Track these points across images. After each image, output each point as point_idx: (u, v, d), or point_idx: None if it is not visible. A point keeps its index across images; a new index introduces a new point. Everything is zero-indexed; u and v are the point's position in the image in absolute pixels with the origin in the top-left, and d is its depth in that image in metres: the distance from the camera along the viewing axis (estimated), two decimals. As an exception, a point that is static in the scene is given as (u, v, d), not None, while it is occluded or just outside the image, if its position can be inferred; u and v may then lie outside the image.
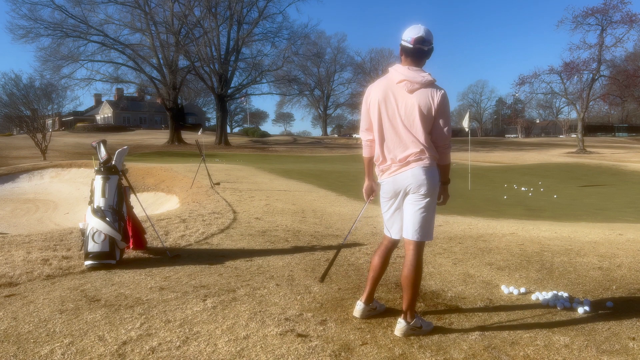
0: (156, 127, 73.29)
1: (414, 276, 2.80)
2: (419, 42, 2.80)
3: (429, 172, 2.82)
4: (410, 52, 2.83)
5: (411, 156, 2.82)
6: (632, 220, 9.05)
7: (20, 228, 12.36)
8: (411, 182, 2.83)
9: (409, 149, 2.83)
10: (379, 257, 3.03)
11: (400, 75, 2.83)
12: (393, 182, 2.90)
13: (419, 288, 2.88)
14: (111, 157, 4.91)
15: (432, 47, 2.87)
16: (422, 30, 2.81)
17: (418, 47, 2.81)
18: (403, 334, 2.80)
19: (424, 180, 2.80)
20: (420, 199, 2.83)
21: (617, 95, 44.38)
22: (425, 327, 2.87)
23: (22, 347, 2.64)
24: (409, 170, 2.83)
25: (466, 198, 12.89)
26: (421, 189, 2.81)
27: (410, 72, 2.81)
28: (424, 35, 2.79)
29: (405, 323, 2.82)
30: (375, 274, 3.04)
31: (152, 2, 45.28)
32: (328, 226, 6.83)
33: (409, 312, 2.83)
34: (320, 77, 77.69)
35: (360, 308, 3.08)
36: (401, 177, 2.86)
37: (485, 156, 37.83)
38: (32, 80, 38.72)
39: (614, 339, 2.77)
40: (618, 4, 37.40)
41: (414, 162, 2.82)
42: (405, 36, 2.83)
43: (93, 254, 4.37)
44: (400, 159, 2.84)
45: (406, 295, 2.84)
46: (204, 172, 12.67)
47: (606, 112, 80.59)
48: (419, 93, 2.78)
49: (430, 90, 2.78)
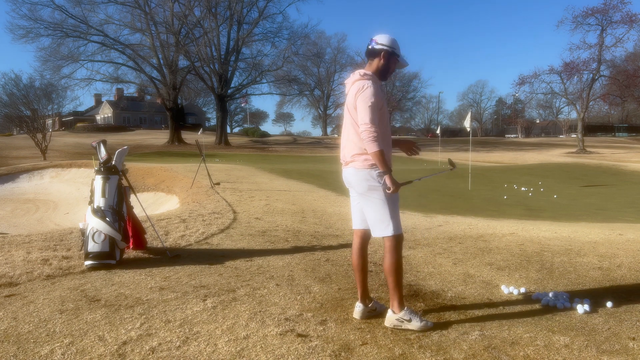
0: (156, 127, 73.26)
1: (387, 266, 2.94)
2: (369, 43, 3.06)
3: (358, 173, 2.96)
4: (366, 52, 3.09)
5: (348, 156, 3.02)
6: (632, 220, 9.05)
7: (20, 228, 12.36)
8: (350, 180, 3.05)
9: (347, 149, 3.04)
10: (356, 256, 3.15)
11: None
12: (343, 173, 3.14)
13: (398, 279, 2.95)
14: (111, 157, 4.91)
15: (380, 48, 3.01)
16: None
17: (367, 49, 3.06)
18: (389, 324, 2.92)
19: (354, 181, 2.99)
20: (363, 198, 3.00)
21: (617, 95, 44.38)
22: (416, 321, 2.88)
23: (22, 347, 2.64)
24: (345, 170, 3.07)
25: (466, 198, 12.89)
26: (357, 188, 3.00)
27: (356, 72, 3.03)
28: (374, 37, 3.05)
29: (392, 313, 2.93)
30: (359, 271, 3.13)
31: (152, 2, 45.32)
32: (328, 226, 6.83)
33: (394, 303, 2.94)
34: (320, 77, 77.71)
35: (359, 309, 3.09)
36: (345, 173, 3.10)
37: (485, 156, 37.85)
38: (32, 80, 38.74)
39: (614, 339, 2.77)
40: (618, 4, 37.46)
41: (350, 162, 3.01)
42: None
43: (93, 254, 4.37)
44: (344, 157, 3.08)
45: (388, 286, 3.00)
46: (204, 172, 12.67)
47: (606, 112, 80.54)
48: (350, 91, 3.00)
49: (357, 84, 2.94)
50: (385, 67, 3.03)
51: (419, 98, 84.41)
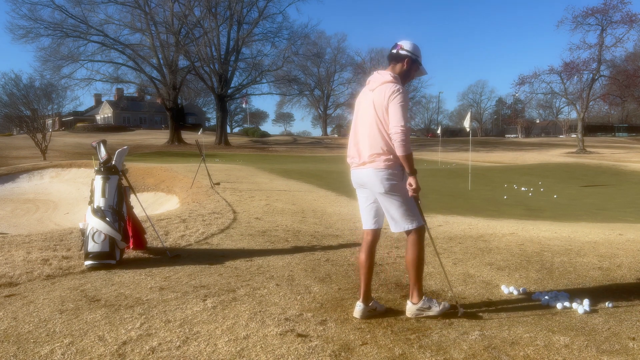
0: (156, 127, 73.24)
1: (410, 258, 3.07)
2: (393, 47, 3.14)
3: (381, 173, 2.99)
4: (389, 56, 3.17)
5: (366, 156, 3.05)
6: (632, 220, 9.04)
7: (20, 228, 12.36)
8: (366, 181, 3.08)
9: (364, 148, 3.06)
10: (364, 254, 3.18)
11: (368, 79, 3.16)
12: (354, 174, 3.18)
13: (420, 270, 3.09)
14: (111, 157, 4.91)
15: (404, 54, 3.10)
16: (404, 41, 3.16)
17: (391, 52, 3.15)
18: (411, 314, 3.07)
19: (374, 181, 3.02)
20: (384, 197, 3.04)
21: (617, 95, 44.34)
22: (435, 307, 3.07)
23: (22, 347, 2.64)
24: (363, 170, 3.08)
25: (466, 198, 12.89)
26: (377, 188, 3.03)
27: (379, 72, 3.11)
28: (399, 43, 3.14)
29: (411, 304, 3.09)
30: (365, 270, 3.15)
31: (152, 2, 45.32)
32: (328, 226, 6.83)
33: (414, 294, 3.08)
34: (320, 77, 77.71)
35: (360, 309, 3.09)
36: (360, 173, 3.11)
37: (485, 156, 37.84)
38: (32, 80, 38.74)
39: (614, 339, 2.77)
40: (618, 4, 37.42)
41: (368, 162, 3.04)
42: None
43: (93, 254, 4.37)
44: (360, 156, 3.10)
45: (409, 277, 3.12)
46: (204, 172, 12.67)
47: (606, 112, 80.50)
48: (376, 91, 3.04)
49: (389, 86, 2.99)
50: (407, 73, 3.14)
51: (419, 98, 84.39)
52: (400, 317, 3.11)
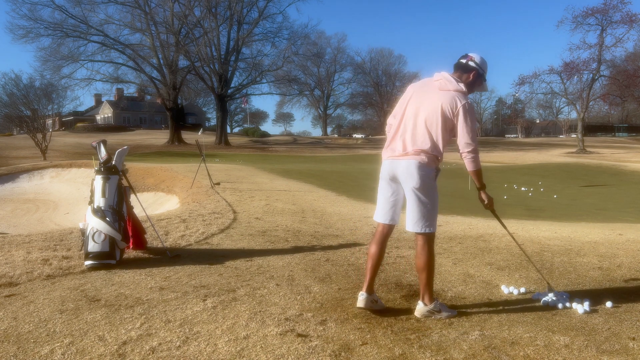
0: (156, 127, 73.20)
1: (421, 263, 3.10)
2: (463, 57, 3.21)
3: (421, 168, 3.02)
4: (457, 65, 3.24)
5: (410, 148, 3.06)
6: (632, 220, 9.04)
7: (20, 228, 12.36)
8: (402, 172, 3.07)
9: (413, 141, 3.07)
10: (376, 245, 3.23)
11: (439, 75, 3.18)
12: (390, 164, 3.15)
13: (430, 274, 3.12)
14: (111, 157, 4.91)
15: (473, 66, 3.17)
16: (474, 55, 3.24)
17: (460, 62, 3.22)
18: (421, 315, 3.09)
19: (413, 173, 3.02)
20: (414, 193, 3.04)
21: (617, 95, 44.33)
22: (446, 311, 3.10)
23: (22, 347, 2.64)
24: (404, 161, 3.07)
25: (466, 198, 12.89)
26: (411, 182, 3.03)
27: (448, 75, 3.16)
28: (470, 54, 3.22)
29: (423, 305, 3.11)
30: (374, 262, 3.20)
31: (152, 2, 45.31)
32: (328, 226, 6.83)
33: (425, 296, 3.11)
34: (320, 77, 77.72)
35: (363, 298, 3.14)
36: (398, 164, 3.10)
37: (485, 156, 37.83)
38: (32, 80, 38.79)
39: (614, 339, 2.77)
40: (618, 4, 37.39)
41: (412, 154, 3.05)
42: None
43: (93, 254, 4.37)
44: (404, 147, 3.09)
45: (419, 280, 3.16)
46: (204, 172, 12.67)
47: (606, 112, 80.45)
48: (447, 94, 3.06)
49: (460, 97, 3.06)
50: (471, 85, 3.21)
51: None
52: (401, 317, 3.11)
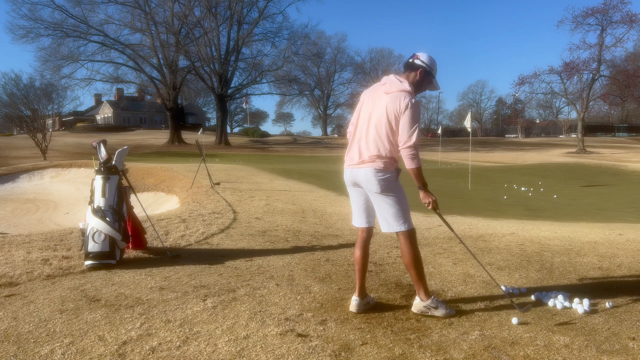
0: (156, 127, 73.20)
1: (406, 260, 3.14)
2: (411, 57, 3.22)
3: (379, 174, 3.04)
4: (405, 64, 3.25)
5: (366, 156, 3.08)
6: (632, 220, 9.04)
7: (20, 228, 12.36)
8: (361, 180, 3.12)
9: (367, 148, 3.09)
10: (358, 250, 3.29)
11: (385, 79, 3.19)
12: (350, 172, 3.21)
13: (419, 269, 3.14)
14: (111, 157, 4.91)
15: (419, 64, 3.16)
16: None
17: (407, 61, 3.22)
18: (417, 310, 3.14)
19: (372, 180, 3.05)
20: (378, 197, 3.09)
21: (617, 95, 44.36)
22: (442, 309, 3.11)
23: (22, 347, 2.64)
24: (361, 169, 3.11)
25: (466, 198, 12.89)
26: (373, 188, 3.07)
27: (393, 77, 3.15)
28: (417, 53, 3.21)
29: (419, 300, 3.15)
30: (360, 266, 3.27)
31: (152, 2, 45.32)
32: (328, 226, 6.83)
33: (421, 292, 3.15)
34: (320, 77, 77.66)
35: (356, 303, 3.19)
36: (357, 172, 3.15)
37: (485, 156, 37.84)
38: (32, 80, 38.80)
39: (614, 339, 2.77)
40: (618, 4, 37.41)
41: (368, 162, 3.08)
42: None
43: (93, 253, 4.37)
44: (360, 156, 3.13)
45: (411, 277, 3.21)
46: (204, 172, 12.67)
47: (606, 112, 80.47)
48: (391, 96, 3.07)
49: (404, 95, 3.04)
50: (419, 83, 3.20)
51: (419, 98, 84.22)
52: (401, 317, 3.11)
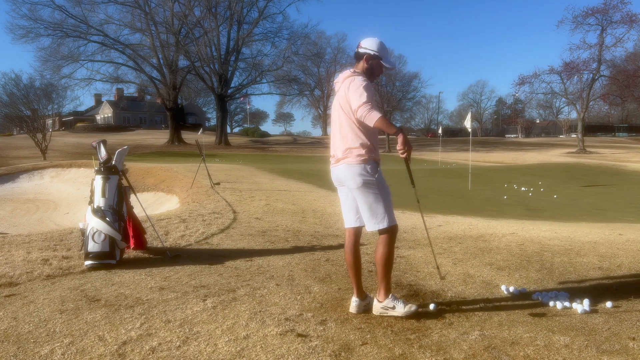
0: (156, 127, 73.20)
1: (377, 256, 3.08)
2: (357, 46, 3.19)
3: (353, 168, 3.01)
4: (354, 55, 3.24)
5: (340, 153, 3.09)
6: (632, 220, 9.04)
7: (20, 228, 12.36)
8: (341, 178, 3.12)
9: (338, 145, 3.10)
10: (350, 254, 3.23)
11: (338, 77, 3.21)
12: (332, 172, 3.21)
13: (389, 269, 3.10)
14: (111, 157, 4.91)
15: (362, 52, 3.14)
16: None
17: (355, 52, 3.21)
18: (376, 312, 3.10)
19: (348, 177, 3.04)
20: (358, 192, 3.05)
21: (617, 95, 44.35)
22: (400, 307, 3.05)
23: (22, 347, 2.64)
24: (338, 167, 3.12)
25: (466, 198, 12.89)
26: (351, 184, 3.04)
27: (343, 72, 3.16)
28: (360, 42, 3.19)
29: (377, 302, 3.12)
30: (354, 270, 3.22)
31: (152, 2, 45.37)
32: (328, 226, 6.83)
33: (381, 292, 3.10)
34: (320, 77, 77.53)
35: (356, 304, 3.18)
36: (336, 171, 3.16)
37: (485, 156, 37.85)
38: (32, 80, 38.80)
39: (614, 339, 2.77)
40: (618, 4, 37.41)
41: (342, 159, 3.07)
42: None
43: (93, 254, 4.37)
44: (335, 154, 3.15)
45: (377, 274, 3.15)
46: (204, 172, 12.67)
47: (606, 112, 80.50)
48: (341, 88, 3.09)
49: (347, 80, 3.06)
50: (369, 69, 3.17)
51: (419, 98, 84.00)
52: (400, 317, 3.11)
